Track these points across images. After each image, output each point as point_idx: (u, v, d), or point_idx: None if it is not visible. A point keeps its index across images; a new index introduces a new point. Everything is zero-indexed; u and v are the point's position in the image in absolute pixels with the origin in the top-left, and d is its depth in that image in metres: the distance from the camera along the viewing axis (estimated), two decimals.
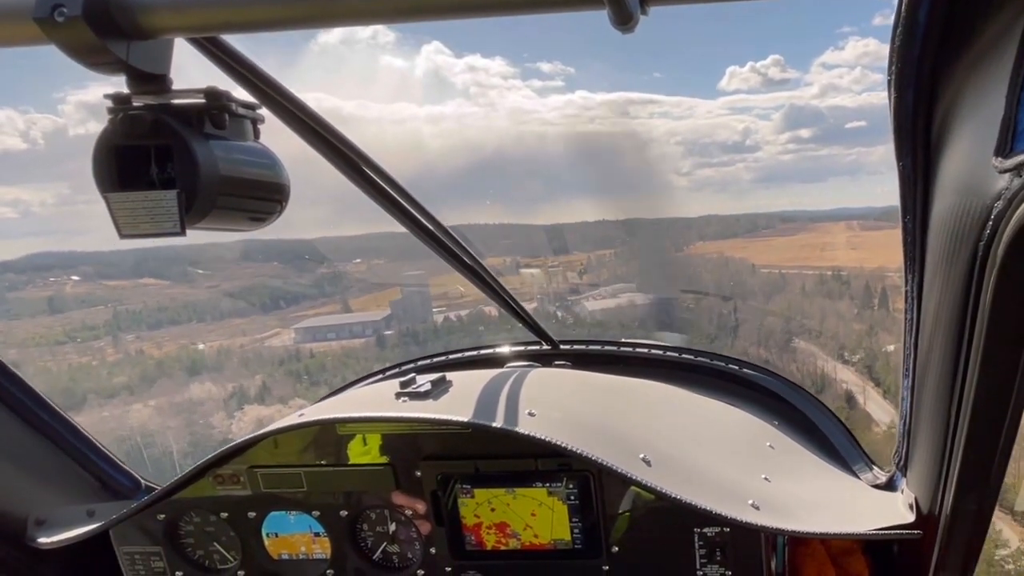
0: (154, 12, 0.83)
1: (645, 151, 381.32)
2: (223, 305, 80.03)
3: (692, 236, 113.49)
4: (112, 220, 0.99)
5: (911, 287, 1.36)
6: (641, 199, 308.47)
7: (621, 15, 0.75)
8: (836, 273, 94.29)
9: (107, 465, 2.09)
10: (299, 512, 1.84)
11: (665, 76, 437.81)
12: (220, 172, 0.99)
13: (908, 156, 1.15)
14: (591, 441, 1.57)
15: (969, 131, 1.00)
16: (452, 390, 1.79)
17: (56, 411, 1.94)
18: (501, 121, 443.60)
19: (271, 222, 1.18)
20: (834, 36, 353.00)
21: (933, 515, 1.54)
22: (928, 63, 1.01)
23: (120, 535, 1.90)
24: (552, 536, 1.74)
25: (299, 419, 1.71)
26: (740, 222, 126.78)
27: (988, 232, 0.96)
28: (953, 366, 1.24)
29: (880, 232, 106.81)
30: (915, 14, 0.96)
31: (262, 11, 0.85)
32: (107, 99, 0.97)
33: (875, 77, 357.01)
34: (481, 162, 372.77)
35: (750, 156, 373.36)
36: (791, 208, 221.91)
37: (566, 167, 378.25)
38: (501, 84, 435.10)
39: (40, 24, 0.80)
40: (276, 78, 1.13)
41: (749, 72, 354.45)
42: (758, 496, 1.60)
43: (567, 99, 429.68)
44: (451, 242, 1.72)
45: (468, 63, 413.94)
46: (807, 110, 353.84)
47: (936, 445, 1.43)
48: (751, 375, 2.32)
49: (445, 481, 1.73)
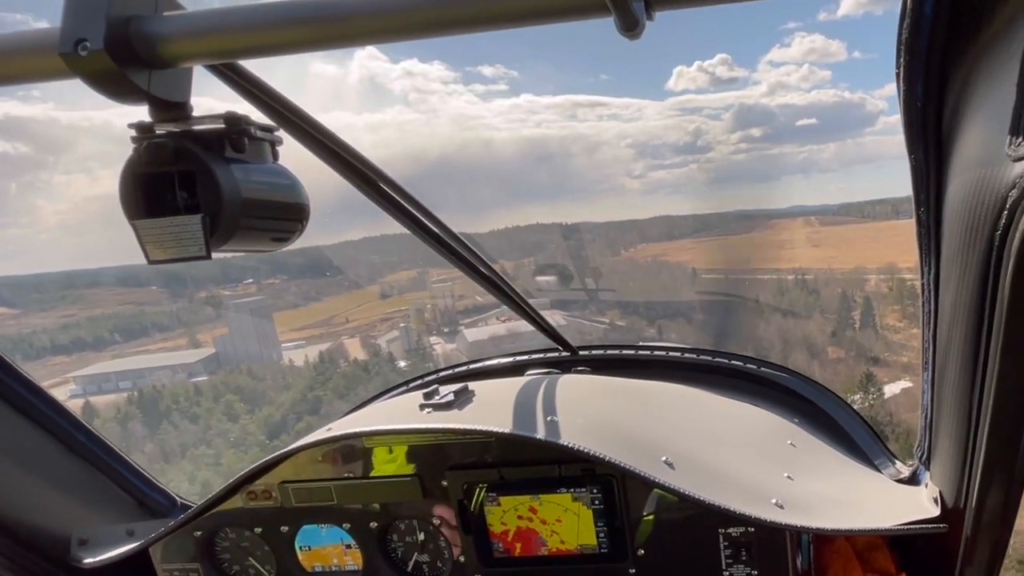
0: (174, 42, 0.86)
1: (595, 154, 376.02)
2: (60, 339, 71.80)
3: (634, 238, 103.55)
4: (140, 247, 1.01)
5: (927, 279, 1.36)
6: (593, 202, 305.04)
7: (627, 22, 0.76)
8: (799, 277, 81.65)
9: (143, 484, 2.15)
10: (330, 525, 1.88)
11: (612, 78, 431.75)
12: (242, 195, 1.01)
13: (920, 148, 1.15)
14: (613, 445, 1.59)
15: (980, 121, 1.00)
16: (475, 400, 1.82)
17: (93, 433, 2.00)
18: (444, 128, 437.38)
19: (292, 241, 1.20)
20: (780, 33, 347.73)
21: (958, 508, 1.54)
22: (936, 54, 1.02)
23: (159, 553, 1.95)
24: (578, 541, 1.76)
25: (327, 434, 1.76)
26: (689, 221, 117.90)
27: (1004, 221, 0.96)
28: (973, 357, 1.23)
29: (843, 227, 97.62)
30: (921, 6, 0.97)
31: (279, 35, 0.86)
32: (131, 128, 0.99)
33: (823, 74, 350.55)
34: (426, 170, 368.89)
35: (703, 156, 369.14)
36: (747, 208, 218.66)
37: (515, 173, 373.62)
38: (441, 89, 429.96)
39: (65, 58, 0.82)
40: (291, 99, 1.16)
41: (697, 71, 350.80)
42: (782, 495, 1.61)
43: (512, 103, 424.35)
44: (468, 254, 1.75)
45: (405, 68, 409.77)
46: (757, 109, 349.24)
47: (959, 437, 1.42)
48: (769, 374, 2.32)
49: (471, 490, 1.76)
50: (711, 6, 0.81)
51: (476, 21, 0.83)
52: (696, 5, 0.80)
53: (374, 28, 0.84)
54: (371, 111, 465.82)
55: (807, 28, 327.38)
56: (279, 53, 0.90)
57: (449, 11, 0.82)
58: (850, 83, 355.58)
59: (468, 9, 0.82)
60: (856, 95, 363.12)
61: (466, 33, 0.86)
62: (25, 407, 1.83)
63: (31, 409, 1.84)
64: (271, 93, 1.11)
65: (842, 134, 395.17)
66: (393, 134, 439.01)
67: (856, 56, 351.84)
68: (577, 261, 75.26)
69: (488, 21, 0.83)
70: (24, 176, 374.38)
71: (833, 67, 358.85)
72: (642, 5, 0.76)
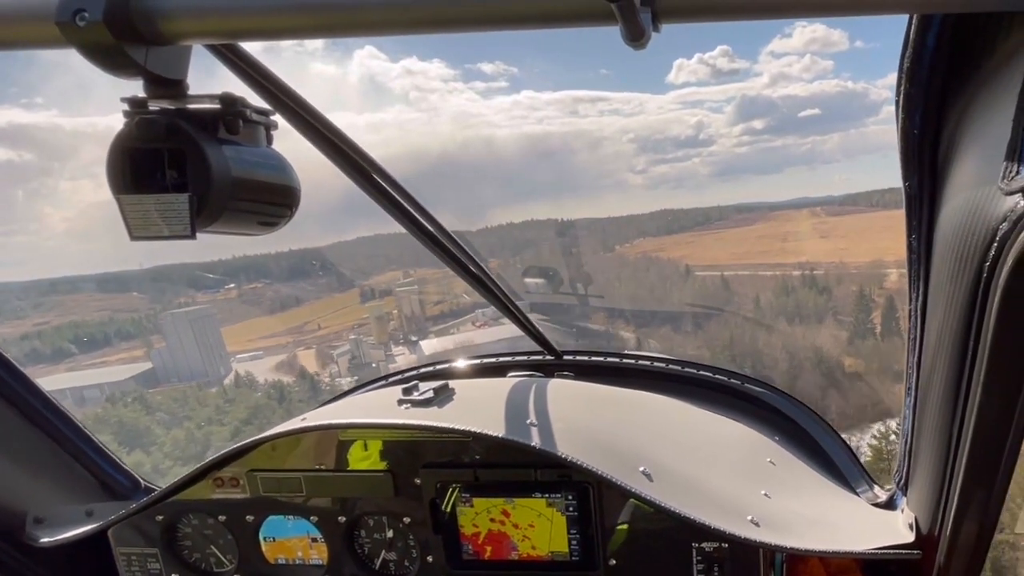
0: (174, 19, 0.85)
1: (597, 150, 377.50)
2: (16, 351, 68.37)
3: (631, 233, 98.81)
4: (124, 222, 0.99)
5: (915, 306, 1.36)
6: (596, 199, 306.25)
7: (634, 32, 0.76)
8: (806, 273, 74.93)
9: (107, 464, 2.10)
10: (297, 517, 1.84)
11: (612, 72, 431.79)
12: (232, 176, 1.00)
13: (914, 176, 1.16)
14: (591, 453, 1.57)
15: (976, 152, 1.00)
16: (455, 398, 1.80)
17: (59, 409, 1.94)
18: (445, 126, 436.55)
19: (281, 227, 1.19)
20: (780, 24, 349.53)
21: (933, 535, 1.54)
22: (936, 85, 1.03)
23: (118, 536, 1.90)
24: (550, 548, 1.74)
25: (301, 424, 1.72)
26: (689, 215, 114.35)
27: (993, 253, 0.96)
28: (956, 386, 1.24)
29: (852, 217, 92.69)
30: (924, 36, 0.97)
31: (281, 20, 0.86)
32: (123, 102, 0.98)
33: (825, 64, 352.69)
34: (427, 169, 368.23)
35: (705, 150, 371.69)
36: (750, 200, 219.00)
37: (517, 171, 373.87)
38: (442, 87, 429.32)
39: (61, 27, 0.81)
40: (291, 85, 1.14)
41: (697, 64, 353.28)
42: (758, 512, 1.60)
43: (513, 100, 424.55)
44: (457, 250, 1.73)
45: (405, 67, 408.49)
46: (759, 100, 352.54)
47: (937, 465, 1.43)
48: (753, 390, 2.32)
49: (444, 489, 1.73)
50: (717, 21, 0.81)
51: (482, 20, 0.83)
52: (702, 19, 0.81)
53: (377, 20, 0.84)
54: (372, 111, 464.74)
55: (808, 18, 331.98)
56: (280, 38, 0.90)
57: (456, 9, 0.82)
58: (852, 72, 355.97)
59: (475, 8, 0.82)
60: (859, 84, 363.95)
61: (471, 31, 0.85)
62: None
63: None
64: (270, 77, 1.10)
65: (846, 124, 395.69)
66: (395, 133, 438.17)
67: (859, 45, 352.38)
68: (568, 259, 72.86)
69: (495, 21, 0.83)
70: (30, 183, 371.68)
71: (835, 57, 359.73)
72: (649, 16, 0.76)
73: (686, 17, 0.80)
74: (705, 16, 0.80)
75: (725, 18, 0.80)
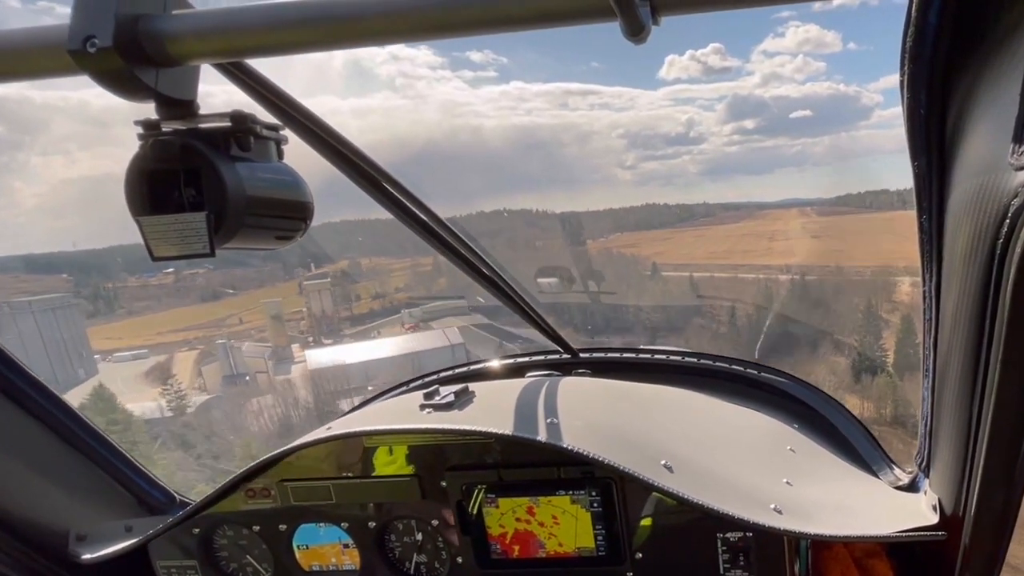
0: (182, 40, 0.86)
1: (587, 144, 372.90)
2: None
3: (605, 228, 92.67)
4: (144, 243, 1.01)
5: (929, 287, 1.36)
6: (585, 193, 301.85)
7: (633, 27, 0.76)
8: (804, 277, 67.37)
9: (143, 481, 2.16)
10: (328, 524, 1.88)
11: (603, 66, 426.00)
12: (247, 193, 1.02)
13: (923, 155, 1.15)
14: (613, 448, 1.60)
15: (984, 128, 1.00)
16: (475, 401, 1.83)
17: (93, 429, 2.00)
18: (432, 114, 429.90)
19: (296, 240, 1.20)
20: (773, 22, 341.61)
21: (957, 516, 1.54)
22: (940, 62, 1.02)
23: (157, 549, 1.96)
24: (576, 544, 1.76)
25: (327, 432, 1.76)
26: (672, 210, 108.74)
27: (1006, 230, 0.96)
28: (974, 365, 1.23)
29: (844, 217, 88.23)
30: (926, 14, 0.97)
31: (287, 35, 0.87)
32: (137, 125, 1.00)
33: (818, 65, 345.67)
34: (413, 157, 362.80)
35: (695, 148, 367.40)
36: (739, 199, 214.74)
37: (505, 162, 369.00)
38: (429, 75, 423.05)
39: (73, 56, 0.82)
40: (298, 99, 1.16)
41: (689, 61, 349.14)
42: (780, 500, 1.61)
43: (501, 90, 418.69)
44: (471, 255, 1.76)
45: (391, 52, 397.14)
46: (751, 100, 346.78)
47: (958, 445, 1.43)
48: (769, 379, 2.32)
49: (470, 491, 1.76)
50: (716, 11, 0.81)
51: (482, 24, 0.83)
52: (701, 10, 0.80)
53: (381, 29, 0.85)
54: (357, 96, 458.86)
55: (801, 18, 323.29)
56: (287, 53, 0.90)
57: (456, 14, 0.82)
58: (845, 75, 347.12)
59: (474, 12, 0.82)
60: (851, 88, 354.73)
61: (472, 35, 0.86)
62: (28, 403, 1.83)
63: (34, 405, 1.84)
64: (277, 92, 1.12)
65: (836, 127, 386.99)
66: (380, 120, 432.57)
67: (851, 47, 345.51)
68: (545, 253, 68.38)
69: (494, 24, 0.83)
70: (0, 157, 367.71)
71: (828, 58, 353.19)
72: (648, 10, 0.76)
73: (685, 9, 0.79)
74: (704, 7, 0.80)
75: (724, 7, 0.80)
